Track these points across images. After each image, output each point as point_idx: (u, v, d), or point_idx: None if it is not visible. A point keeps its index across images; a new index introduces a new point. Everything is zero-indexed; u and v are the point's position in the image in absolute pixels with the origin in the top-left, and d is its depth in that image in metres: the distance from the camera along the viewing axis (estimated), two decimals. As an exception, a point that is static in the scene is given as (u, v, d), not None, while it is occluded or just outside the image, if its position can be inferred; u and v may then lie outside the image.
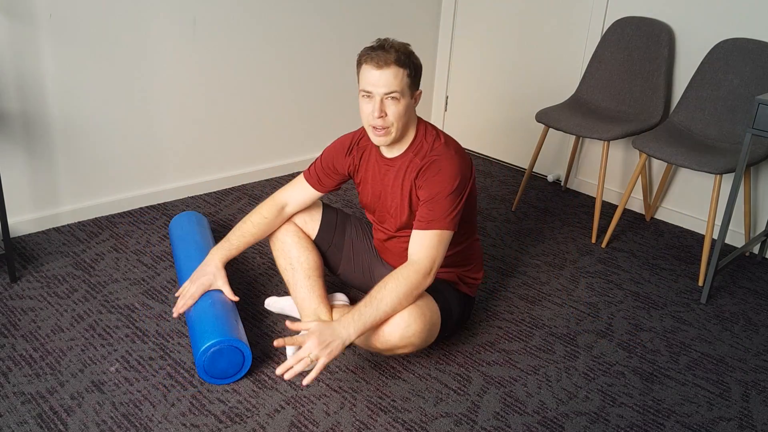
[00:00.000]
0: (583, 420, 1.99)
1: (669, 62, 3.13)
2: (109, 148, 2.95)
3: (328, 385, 2.05)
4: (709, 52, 2.97)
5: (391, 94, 1.93)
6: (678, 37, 3.15)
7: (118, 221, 2.97)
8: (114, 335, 2.22)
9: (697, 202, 3.25)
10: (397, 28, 3.78)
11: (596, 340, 2.37)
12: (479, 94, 4.02)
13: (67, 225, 2.89)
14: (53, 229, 2.86)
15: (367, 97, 1.96)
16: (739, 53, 2.90)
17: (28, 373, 2.02)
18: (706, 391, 2.15)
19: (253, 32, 3.24)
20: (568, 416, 2.00)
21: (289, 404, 1.97)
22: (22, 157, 2.72)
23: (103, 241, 2.80)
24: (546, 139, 3.50)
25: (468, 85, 4.07)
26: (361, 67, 1.97)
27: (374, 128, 1.98)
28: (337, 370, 2.12)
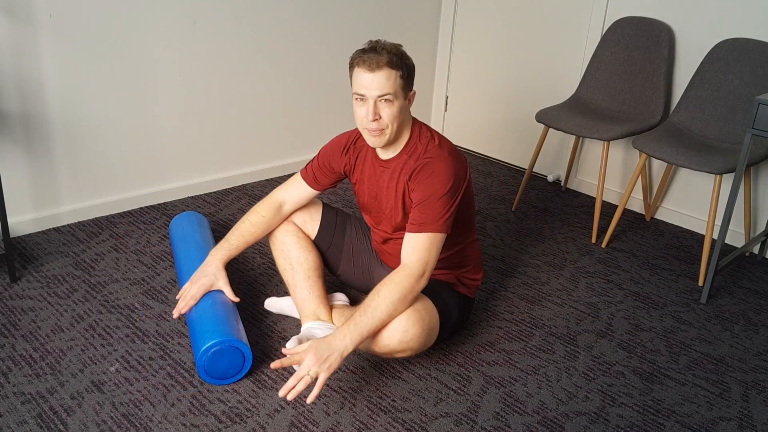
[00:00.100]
0: (583, 420, 1.99)
1: (669, 62, 3.13)
2: (109, 148, 2.95)
3: (328, 385, 2.05)
4: (709, 52, 2.97)
5: (385, 97, 1.92)
6: (678, 37, 3.15)
7: (118, 221, 2.97)
8: (114, 335, 2.22)
9: (697, 202, 3.25)
10: (396, 29, 3.78)
11: (596, 340, 2.37)
12: (479, 94, 4.02)
13: (67, 225, 2.89)
14: (53, 229, 2.86)
15: (361, 100, 1.95)
16: (739, 53, 2.90)
17: (28, 373, 2.02)
18: (706, 391, 2.15)
19: (252, 33, 3.24)
20: (568, 416, 2.00)
21: (289, 404, 1.96)
22: (22, 157, 2.72)
23: (103, 241, 2.80)
24: (546, 139, 3.50)
25: (468, 85, 4.07)
26: (354, 70, 1.96)
27: (369, 130, 1.98)
28: (338, 370, 2.12)
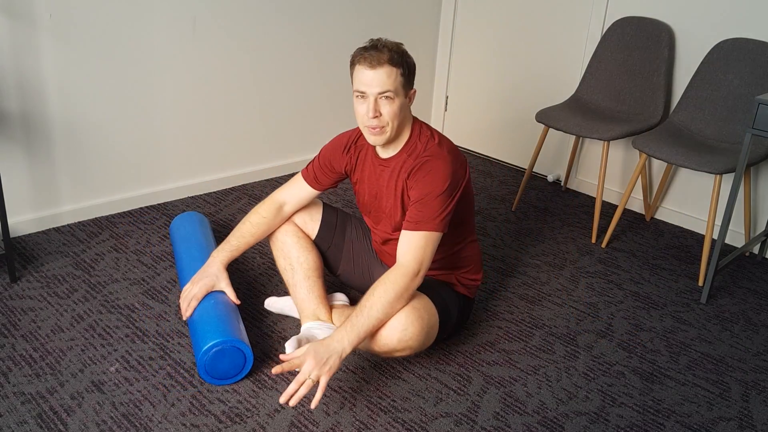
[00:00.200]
0: (583, 420, 1.99)
1: (669, 62, 3.13)
2: (109, 148, 2.95)
3: (328, 386, 2.05)
4: (709, 52, 2.97)
5: (385, 94, 1.93)
6: (678, 37, 3.15)
7: (118, 221, 2.97)
8: (114, 335, 2.22)
9: (697, 202, 3.25)
10: (396, 28, 3.78)
11: (596, 340, 2.37)
12: (479, 94, 4.02)
13: (67, 225, 2.89)
14: (53, 229, 2.86)
15: (361, 98, 1.96)
16: (739, 53, 2.90)
17: (28, 373, 2.02)
18: (706, 391, 2.15)
19: (252, 32, 3.24)
20: (568, 416, 2.00)
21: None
22: (22, 157, 2.72)
23: (103, 241, 2.80)
24: (546, 139, 3.50)
25: (468, 85, 4.07)
26: (355, 67, 1.97)
27: (369, 128, 1.98)
28: (337, 371, 2.12)
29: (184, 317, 2.10)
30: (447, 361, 2.20)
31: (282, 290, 2.52)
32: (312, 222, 2.30)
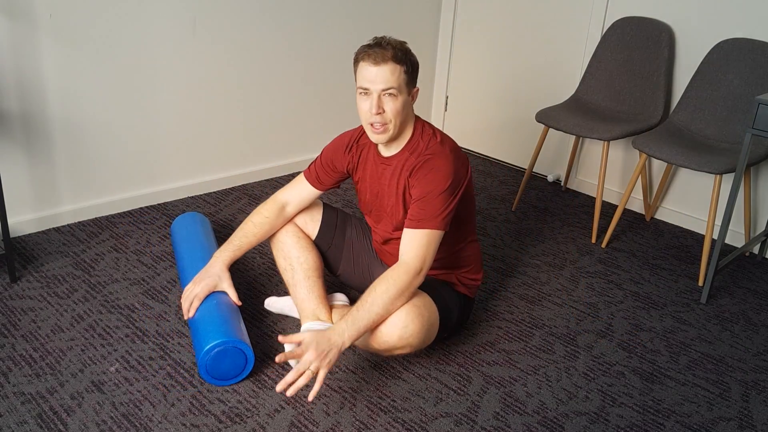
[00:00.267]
0: (583, 420, 1.99)
1: (669, 62, 3.13)
2: (110, 148, 2.95)
3: (328, 385, 2.05)
4: (709, 52, 2.97)
5: (389, 91, 1.94)
6: (678, 37, 3.15)
7: (118, 221, 2.97)
8: (114, 335, 2.22)
9: (697, 202, 3.25)
10: (396, 28, 3.78)
11: (596, 340, 2.37)
12: (479, 94, 4.02)
13: (67, 225, 2.89)
14: (53, 229, 2.86)
15: (365, 94, 1.97)
16: (739, 53, 2.90)
17: (28, 373, 2.02)
18: (706, 391, 2.15)
19: (252, 32, 3.24)
20: (568, 416, 2.00)
21: (289, 404, 1.97)
22: (22, 157, 2.72)
23: (103, 241, 2.80)
24: (546, 139, 3.50)
25: (468, 85, 4.07)
26: (359, 64, 1.97)
27: (372, 125, 1.99)
28: (337, 370, 2.12)
29: (185, 317, 2.10)
30: (447, 361, 2.20)
31: (282, 290, 2.52)
32: (312, 222, 2.30)
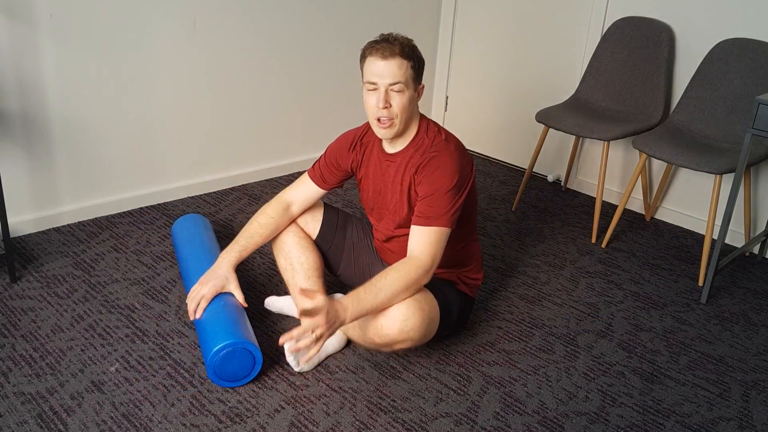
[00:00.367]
0: (583, 420, 1.99)
1: (669, 62, 3.13)
2: (109, 148, 2.95)
3: (328, 385, 2.05)
4: (709, 52, 2.97)
5: (396, 85, 1.95)
6: (678, 37, 3.15)
7: (118, 221, 2.97)
8: (114, 335, 2.22)
9: (697, 202, 3.25)
10: (397, 28, 3.76)
11: (596, 340, 2.37)
12: (479, 94, 4.02)
13: (67, 225, 2.89)
14: (53, 229, 2.86)
15: (372, 89, 1.98)
16: (739, 53, 2.90)
17: (28, 373, 2.02)
18: (706, 391, 2.15)
19: (253, 32, 3.24)
20: (568, 416, 2.00)
21: (289, 404, 1.97)
22: (22, 157, 2.72)
23: (103, 241, 2.80)
24: (546, 139, 3.50)
25: (468, 85, 4.07)
26: (366, 59, 1.99)
27: (379, 120, 1.99)
28: (337, 370, 2.12)
29: (192, 318, 2.10)
30: (447, 361, 2.20)
31: (282, 290, 2.52)
32: (313, 222, 2.30)
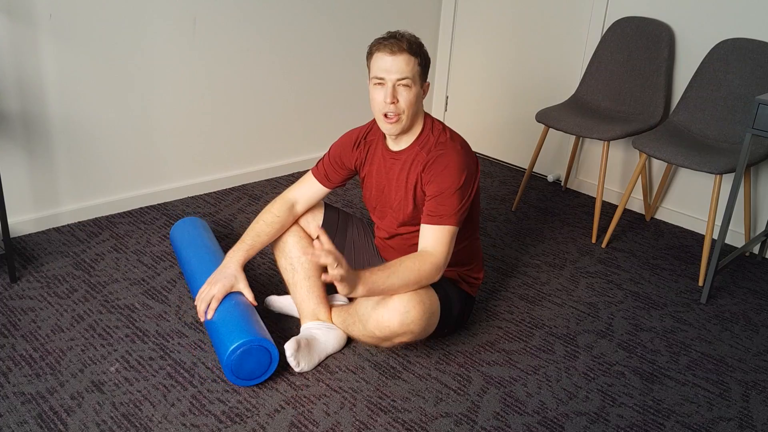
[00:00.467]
0: (583, 420, 1.99)
1: (669, 62, 3.13)
2: (109, 148, 2.95)
3: (328, 385, 2.05)
4: (709, 52, 2.97)
5: (403, 81, 1.96)
6: (678, 37, 3.16)
7: (118, 221, 2.97)
8: (114, 335, 2.22)
9: (697, 202, 3.25)
10: (397, 28, 3.77)
11: (596, 340, 2.37)
12: (479, 94, 4.02)
13: (67, 225, 2.89)
14: (53, 229, 2.86)
15: (379, 85, 1.99)
16: (739, 53, 2.90)
17: (28, 373, 2.02)
18: (706, 391, 2.15)
19: (253, 32, 3.24)
20: (568, 416, 2.00)
21: (289, 404, 1.97)
22: (22, 157, 2.72)
23: (103, 241, 2.80)
24: (546, 139, 3.50)
25: (468, 85, 4.07)
26: (373, 55, 2.00)
27: (386, 116, 2.00)
28: (337, 370, 2.12)
29: (202, 319, 2.09)
30: (447, 361, 2.20)
31: (282, 290, 2.52)
32: (314, 221, 2.30)
